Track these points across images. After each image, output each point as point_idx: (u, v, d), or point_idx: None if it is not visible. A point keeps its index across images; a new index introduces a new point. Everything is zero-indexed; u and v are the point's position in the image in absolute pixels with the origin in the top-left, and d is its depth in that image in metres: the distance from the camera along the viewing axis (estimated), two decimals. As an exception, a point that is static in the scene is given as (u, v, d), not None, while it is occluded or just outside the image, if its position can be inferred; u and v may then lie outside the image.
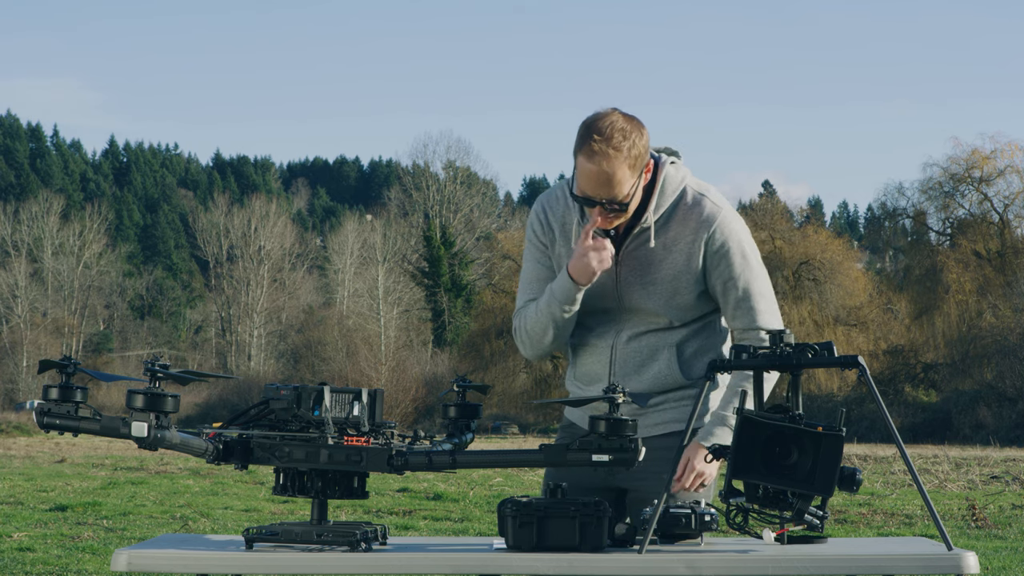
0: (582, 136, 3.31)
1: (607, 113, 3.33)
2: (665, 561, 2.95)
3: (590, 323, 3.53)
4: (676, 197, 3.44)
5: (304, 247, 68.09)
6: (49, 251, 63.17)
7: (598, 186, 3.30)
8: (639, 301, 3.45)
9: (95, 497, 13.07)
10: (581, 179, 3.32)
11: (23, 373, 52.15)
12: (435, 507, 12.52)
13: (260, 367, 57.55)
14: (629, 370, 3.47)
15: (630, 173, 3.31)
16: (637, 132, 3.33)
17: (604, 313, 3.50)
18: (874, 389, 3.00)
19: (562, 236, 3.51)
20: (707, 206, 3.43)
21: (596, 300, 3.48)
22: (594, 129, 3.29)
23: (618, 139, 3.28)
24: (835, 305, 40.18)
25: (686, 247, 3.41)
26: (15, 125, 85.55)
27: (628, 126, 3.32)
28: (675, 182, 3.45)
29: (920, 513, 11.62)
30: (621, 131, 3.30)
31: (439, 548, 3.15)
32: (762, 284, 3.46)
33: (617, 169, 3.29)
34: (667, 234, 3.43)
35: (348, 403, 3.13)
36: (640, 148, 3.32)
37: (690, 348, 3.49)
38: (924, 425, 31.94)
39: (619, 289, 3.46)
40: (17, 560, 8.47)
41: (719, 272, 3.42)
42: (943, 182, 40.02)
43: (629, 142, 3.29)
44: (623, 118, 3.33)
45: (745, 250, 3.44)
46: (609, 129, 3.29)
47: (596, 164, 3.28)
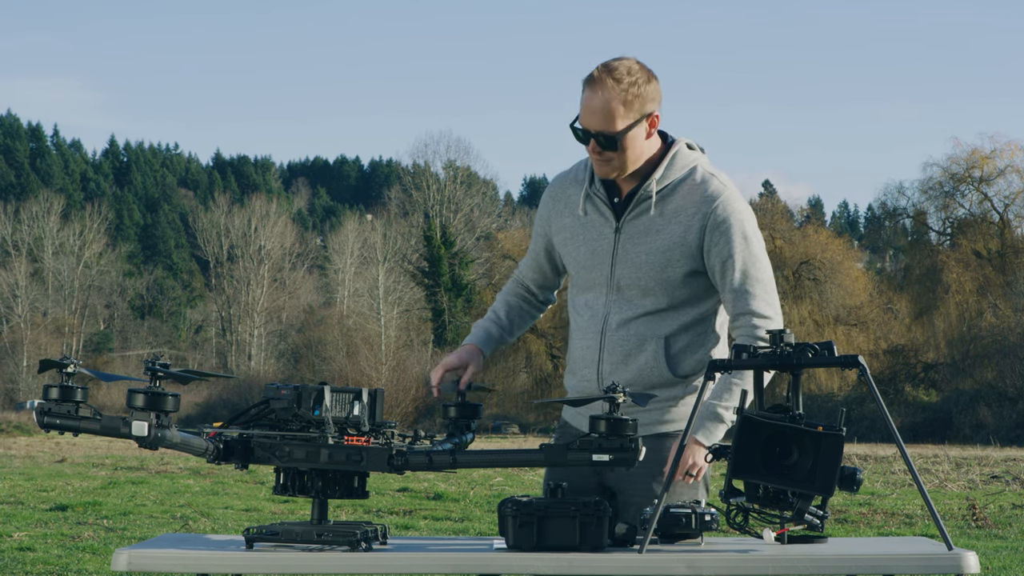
0: (590, 71, 3.38)
1: (623, 57, 3.41)
2: (665, 561, 2.95)
3: (582, 304, 3.53)
4: (685, 173, 3.44)
5: (304, 247, 68.07)
6: (49, 251, 63.16)
7: (592, 115, 3.34)
8: (630, 272, 3.43)
9: (95, 497, 13.07)
10: (581, 110, 3.37)
11: (23, 373, 52.14)
12: (435, 507, 12.52)
13: (260, 367, 57.53)
14: (616, 359, 3.45)
15: (624, 110, 3.33)
16: (644, 77, 3.37)
17: (597, 290, 3.48)
18: (874, 389, 3.00)
19: (567, 207, 3.54)
20: (714, 184, 3.43)
21: (590, 272, 3.49)
22: (603, 64, 3.37)
23: (621, 73, 3.34)
24: (835, 305, 40.18)
25: (686, 219, 3.40)
26: (15, 125, 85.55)
27: (636, 67, 3.37)
28: (686, 159, 3.46)
29: (920, 513, 11.62)
30: (627, 68, 3.35)
31: (439, 548, 3.15)
32: (761, 270, 3.42)
33: (612, 99, 3.32)
34: (669, 205, 3.42)
35: (348, 403, 3.13)
36: (642, 90, 3.35)
37: (679, 343, 3.45)
38: (924, 425, 31.93)
39: (615, 258, 3.45)
40: (17, 560, 8.47)
41: (718, 250, 3.39)
42: (943, 182, 40.04)
43: (631, 79, 3.34)
44: (636, 63, 3.39)
45: (747, 232, 3.42)
46: (616, 64, 3.36)
47: (594, 92, 3.33)
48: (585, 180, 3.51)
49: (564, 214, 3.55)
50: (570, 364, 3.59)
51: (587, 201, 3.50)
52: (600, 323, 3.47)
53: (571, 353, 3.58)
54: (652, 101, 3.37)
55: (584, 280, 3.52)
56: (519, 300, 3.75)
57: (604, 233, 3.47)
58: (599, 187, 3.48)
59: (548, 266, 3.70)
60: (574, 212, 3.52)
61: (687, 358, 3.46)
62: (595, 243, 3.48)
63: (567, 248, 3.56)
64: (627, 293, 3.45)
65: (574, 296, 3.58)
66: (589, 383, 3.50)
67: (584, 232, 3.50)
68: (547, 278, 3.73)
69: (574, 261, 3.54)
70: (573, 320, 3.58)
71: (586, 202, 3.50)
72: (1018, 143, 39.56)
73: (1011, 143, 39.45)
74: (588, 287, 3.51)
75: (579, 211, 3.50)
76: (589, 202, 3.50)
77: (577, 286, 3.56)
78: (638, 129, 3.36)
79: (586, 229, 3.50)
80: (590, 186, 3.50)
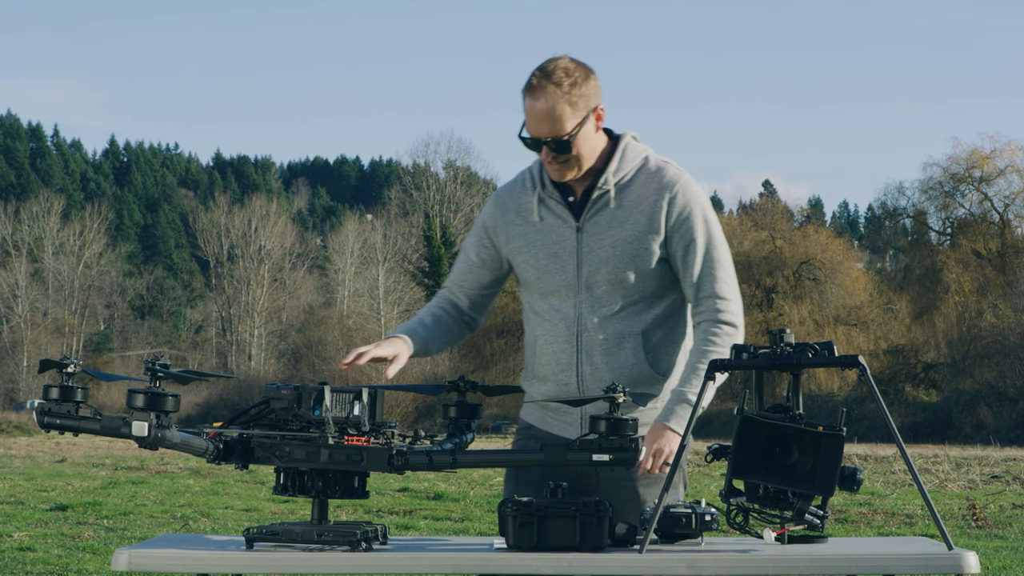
0: (528, 77, 3.35)
1: (556, 57, 3.37)
2: (665, 561, 2.95)
3: (546, 309, 3.47)
4: (639, 164, 3.43)
5: (304, 247, 68.07)
6: (49, 251, 63.16)
7: (540, 123, 3.32)
8: (600, 268, 3.39)
9: (95, 497, 13.07)
10: (527, 120, 3.34)
11: (23, 373, 52.14)
12: (435, 507, 12.52)
13: (260, 367, 57.53)
14: (596, 360, 3.41)
15: (571, 111, 3.31)
16: (582, 74, 3.34)
17: (563, 293, 3.43)
18: (874, 389, 2.99)
19: (519, 216, 3.49)
20: (670, 171, 3.42)
21: (553, 276, 3.44)
22: (538, 68, 3.34)
23: (559, 75, 3.31)
24: (835, 305, 40.18)
25: (648, 207, 3.39)
26: (15, 125, 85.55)
27: (573, 66, 3.35)
28: (637, 150, 3.45)
29: (920, 513, 11.62)
30: (564, 69, 3.33)
31: (439, 548, 3.15)
32: (722, 252, 3.43)
33: (557, 103, 3.30)
34: (628, 197, 3.40)
35: (348, 403, 3.13)
36: (585, 90, 3.33)
37: (655, 337, 3.43)
38: (924, 425, 31.91)
39: (581, 257, 3.41)
40: (17, 560, 8.47)
41: (681, 235, 3.39)
42: (943, 182, 40.04)
43: (571, 79, 3.32)
44: (571, 61, 3.36)
45: (707, 215, 3.42)
46: (552, 67, 3.33)
47: (536, 99, 3.31)
48: (536, 185, 3.46)
49: (515, 222, 3.49)
50: (538, 370, 3.49)
51: (541, 205, 3.46)
52: (574, 326, 3.42)
53: (539, 359, 3.48)
54: (594, 96, 3.36)
55: (546, 285, 3.45)
56: (444, 314, 3.61)
57: (564, 235, 3.43)
58: (552, 189, 3.44)
59: (488, 280, 3.59)
60: (527, 219, 3.47)
61: (664, 353, 3.45)
62: (555, 246, 3.43)
63: (522, 255, 3.48)
64: (598, 291, 3.41)
65: (534, 302, 3.50)
66: (567, 387, 3.44)
67: (541, 237, 3.45)
68: (483, 295, 3.61)
69: (532, 267, 3.47)
70: (537, 326, 3.49)
71: (540, 207, 3.46)
72: (1018, 143, 39.58)
73: (1011, 143, 39.47)
74: (551, 291, 3.45)
75: (533, 217, 3.45)
76: (543, 206, 3.46)
77: (537, 292, 3.48)
78: (587, 127, 3.35)
79: (543, 234, 3.45)
80: (542, 189, 3.46)
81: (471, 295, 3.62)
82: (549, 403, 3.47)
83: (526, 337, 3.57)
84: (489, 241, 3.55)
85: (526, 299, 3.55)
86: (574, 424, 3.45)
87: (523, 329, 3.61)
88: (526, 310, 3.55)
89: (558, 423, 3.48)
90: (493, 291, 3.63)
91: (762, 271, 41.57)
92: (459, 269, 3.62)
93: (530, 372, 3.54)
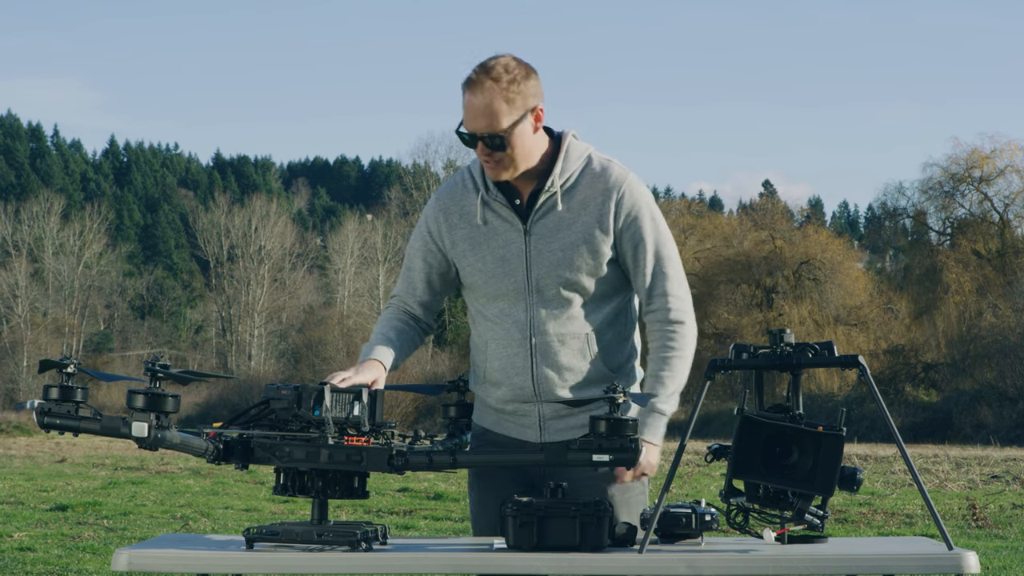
0: (467, 74, 3.34)
1: (499, 55, 3.36)
2: (665, 561, 2.95)
3: (496, 313, 3.44)
4: (583, 164, 3.42)
5: (304, 247, 68.03)
6: (49, 251, 63.15)
7: (476, 118, 3.30)
8: (549, 271, 3.37)
9: (95, 497, 13.07)
10: (464, 114, 3.33)
11: (23, 373, 52.12)
12: (436, 507, 12.52)
13: (260, 367, 57.50)
14: (549, 362, 3.39)
15: (508, 107, 3.29)
16: (522, 72, 3.33)
17: (513, 297, 3.41)
18: (874, 389, 3.00)
19: (462, 219, 3.45)
20: (615, 170, 3.41)
21: (501, 280, 3.41)
22: (479, 65, 3.33)
23: (499, 71, 3.30)
24: (835, 305, 40.19)
25: (596, 208, 3.38)
26: (15, 125, 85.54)
27: (513, 64, 3.34)
28: (580, 150, 3.44)
29: (920, 513, 11.62)
30: (504, 66, 3.32)
31: (439, 548, 3.15)
32: (671, 250, 3.43)
33: (494, 99, 3.28)
34: (575, 197, 3.39)
35: (348, 403, 3.13)
36: (523, 87, 3.32)
37: (607, 336, 3.42)
38: (924, 425, 31.91)
39: (530, 260, 3.39)
40: (17, 560, 8.47)
41: (630, 235, 3.38)
42: (943, 182, 40.04)
43: (509, 76, 3.30)
44: (513, 59, 3.35)
45: (654, 214, 3.42)
46: (492, 64, 3.32)
47: (474, 94, 3.30)
48: (480, 187, 3.43)
49: (459, 226, 3.45)
50: (491, 375, 3.45)
51: (485, 208, 3.43)
52: (526, 329, 3.40)
53: (490, 364, 3.44)
54: (533, 96, 3.34)
55: (495, 289, 3.42)
56: (405, 326, 3.54)
57: (511, 238, 3.40)
58: (496, 192, 3.41)
59: (439, 284, 3.55)
60: (471, 222, 3.43)
61: (616, 351, 3.45)
62: (502, 249, 3.40)
63: (468, 260, 3.44)
64: (548, 294, 3.39)
65: (482, 307, 3.46)
66: (522, 391, 3.41)
67: (487, 240, 3.42)
68: (436, 299, 3.57)
69: (479, 271, 3.43)
70: (488, 330, 3.45)
71: (484, 209, 3.43)
72: (1018, 143, 39.58)
73: (1011, 143, 39.48)
74: (499, 295, 3.42)
75: (477, 220, 3.42)
76: (488, 209, 3.42)
77: (485, 296, 3.44)
78: (523, 125, 3.33)
79: (489, 237, 3.42)
80: (486, 192, 3.43)
81: (423, 301, 3.56)
82: (505, 407, 3.45)
83: (474, 341, 3.53)
84: (435, 245, 3.50)
85: (473, 303, 3.50)
86: (532, 427, 3.43)
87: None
88: (473, 314, 3.51)
89: (516, 427, 3.45)
90: (444, 294, 3.59)
91: (762, 271, 41.58)
92: (408, 277, 3.56)
93: (481, 377, 3.49)
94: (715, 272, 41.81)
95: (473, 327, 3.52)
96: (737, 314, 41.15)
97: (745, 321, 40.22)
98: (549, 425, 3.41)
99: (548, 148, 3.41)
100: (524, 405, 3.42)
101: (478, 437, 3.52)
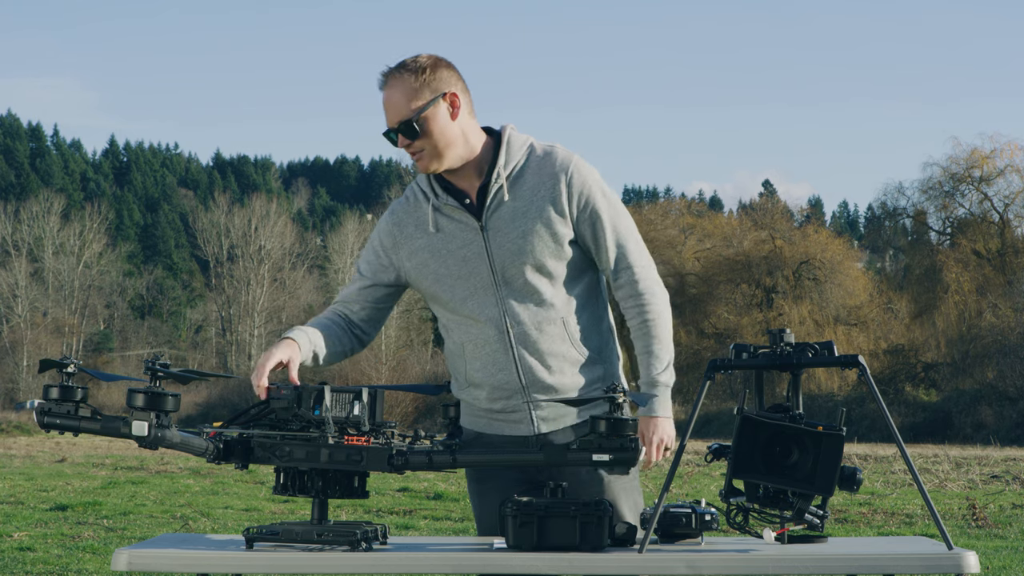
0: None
1: (417, 55, 3.39)
2: (665, 560, 2.95)
3: (471, 313, 3.42)
4: (526, 152, 3.43)
5: (304, 247, 68.06)
6: (49, 251, 63.16)
7: (389, 111, 3.35)
8: (514, 260, 3.37)
9: (95, 497, 13.07)
10: (385, 115, 3.38)
11: (23, 373, 52.13)
12: (435, 506, 12.51)
13: (260, 367, 57.43)
14: (529, 353, 3.39)
15: (415, 94, 3.33)
16: (431, 62, 3.36)
17: (482, 294, 3.41)
18: (874, 388, 3.00)
19: (418, 229, 3.46)
20: (559, 153, 3.42)
21: (467, 280, 3.41)
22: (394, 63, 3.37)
23: (407, 64, 3.35)
24: (835, 305, 40.19)
25: (548, 192, 3.38)
26: (15, 125, 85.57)
27: (424, 57, 3.37)
28: (520, 140, 3.44)
29: (920, 512, 11.62)
30: (413, 60, 3.36)
31: (439, 548, 3.15)
32: (628, 223, 3.44)
33: (402, 89, 3.33)
34: (524, 185, 3.40)
35: (348, 402, 3.13)
36: (431, 76, 3.34)
37: (583, 318, 3.43)
38: (924, 425, 31.91)
39: (491, 255, 3.39)
40: (17, 560, 8.47)
41: (587, 215, 3.39)
42: (943, 182, 40.05)
43: (417, 65, 3.34)
44: (426, 55, 3.38)
45: (605, 190, 3.43)
46: (405, 60, 3.37)
47: (384, 89, 3.35)
48: (430, 196, 3.45)
49: (415, 236, 3.46)
50: (472, 377, 3.44)
51: (437, 214, 3.43)
52: (501, 323, 3.40)
53: (470, 365, 3.43)
54: (445, 82, 3.36)
55: (462, 290, 3.41)
56: (336, 326, 3.51)
57: (469, 237, 3.40)
58: (445, 196, 3.42)
59: (383, 295, 3.54)
60: (426, 231, 3.44)
61: (593, 332, 3.46)
62: (463, 250, 3.40)
63: (430, 267, 3.44)
64: (516, 283, 3.39)
65: (452, 311, 3.45)
66: (507, 387, 3.41)
67: (446, 245, 3.42)
68: (379, 310, 3.55)
69: (444, 276, 3.42)
70: (461, 334, 3.44)
71: (436, 216, 3.43)
72: (1018, 143, 39.59)
73: (1011, 143, 39.49)
74: (467, 296, 3.41)
75: (430, 228, 3.43)
76: (440, 214, 3.43)
77: (454, 299, 3.43)
78: (436, 110, 3.34)
79: (447, 241, 3.42)
80: (436, 199, 3.44)
81: (366, 308, 3.54)
82: (493, 406, 3.44)
83: (448, 348, 3.52)
84: (387, 259, 3.50)
85: (442, 311, 3.49)
86: (524, 421, 3.43)
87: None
88: (444, 322, 3.50)
89: (507, 424, 3.45)
90: (386, 307, 3.57)
91: (762, 271, 41.58)
92: (352, 288, 3.56)
93: (463, 381, 3.48)
94: (715, 272, 41.82)
95: (446, 335, 3.52)
96: (737, 314, 41.16)
97: (745, 321, 40.23)
98: (539, 416, 3.42)
99: (489, 143, 3.43)
100: (511, 401, 3.42)
101: (472, 442, 3.49)
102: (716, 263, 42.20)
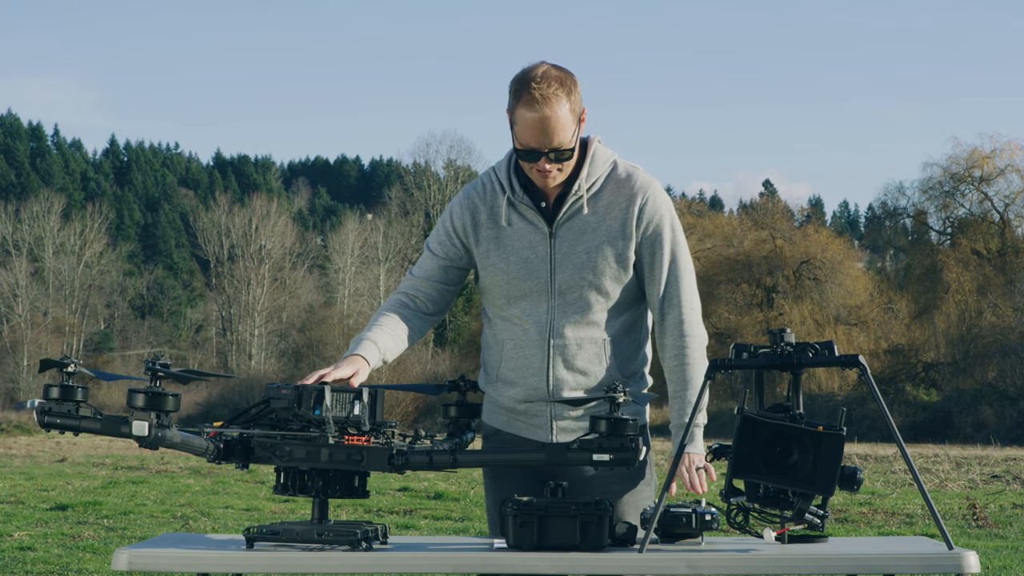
0: (518, 88, 3.30)
1: (537, 64, 3.34)
2: (666, 560, 2.95)
3: (519, 314, 3.44)
4: (608, 169, 3.44)
5: (305, 246, 68.02)
6: (50, 250, 63.14)
7: (542, 134, 3.29)
8: (573, 274, 3.39)
9: (96, 496, 13.07)
10: (524, 131, 3.30)
11: (24, 372, 52.12)
12: (436, 506, 12.51)
13: (261, 366, 57.49)
14: (566, 364, 3.41)
15: (571, 118, 3.31)
16: (572, 80, 3.34)
17: (535, 298, 3.42)
18: (875, 388, 3.00)
19: (490, 220, 3.46)
20: (639, 177, 3.43)
21: (524, 281, 3.42)
22: (531, 78, 3.29)
23: (555, 85, 3.29)
24: (836, 304, 40.18)
25: (620, 213, 3.40)
26: (16, 124, 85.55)
27: (562, 74, 3.33)
28: (605, 155, 3.46)
29: (921, 512, 11.62)
30: (557, 78, 3.31)
31: (440, 547, 3.15)
32: (687, 261, 3.46)
33: (560, 112, 3.28)
34: (600, 202, 3.41)
35: (349, 402, 3.13)
36: (577, 96, 3.33)
37: (624, 343, 3.45)
38: (925, 424, 31.90)
39: (553, 263, 3.41)
40: (18, 559, 8.47)
41: (650, 242, 3.41)
42: (943, 182, 40.04)
43: (566, 88, 3.31)
44: (555, 68, 3.34)
45: (674, 223, 3.45)
46: (544, 76, 3.30)
47: (538, 111, 3.27)
48: (507, 189, 3.44)
49: (485, 225, 3.46)
50: (505, 374, 3.47)
51: (511, 209, 3.44)
52: (545, 330, 3.41)
53: (505, 363, 3.46)
54: (580, 100, 3.36)
55: (516, 290, 3.43)
56: (410, 313, 3.54)
57: (536, 240, 3.41)
58: (523, 195, 3.42)
59: (455, 277, 3.55)
60: (497, 223, 3.45)
61: (630, 358, 3.48)
62: (527, 251, 3.42)
63: (490, 259, 3.45)
64: (570, 296, 3.41)
65: (501, 307, 3.46)
66: (537, 391, 3.43)
67: (512, 241, 3.43)
68: (449, 290, 3.57)
69: (502, 272, 3.44)
70: (505, 330, 3.46)
71: (510, 211, 3.44)
72: (1018, 143, 39.55)
73: (1011, 143, 39.45)
74: (521, 296, 3.43)
75: (503, 221, 3.43)
76: (513, 211, 3.44)
77: (506, 296, 3.45)
78: (578, 130, 3.36)
79: (513, 239, 3.43)
80: (512, 194, 3.44)
81: (439, 288, 3.56)
82: (517, 407, 3.46)
83: (487, 340, 3.54)
84: (459, 241, 3.51)
85: (490, 303, 3.50)
86: (543, 427, 3.45)
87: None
88: (489, 314, 3.52)
89: (526, 427, 3.47)
90: (455, 288, 3.58)
91: (762, 271, 41.57)
92: (425, 265, 3.56)
93: (494, 375, 3.51)
94: (715, 272, 41.80)
95: (488, 326, 3.53)
96: (737, 314, 41.14)
97: (745, 321, 40.21)
98: (559, 426, 3.42)
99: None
100: (535, 405, 3.44)
101: (489, 437, 3.55)
102: (716, 263, 42.19)
